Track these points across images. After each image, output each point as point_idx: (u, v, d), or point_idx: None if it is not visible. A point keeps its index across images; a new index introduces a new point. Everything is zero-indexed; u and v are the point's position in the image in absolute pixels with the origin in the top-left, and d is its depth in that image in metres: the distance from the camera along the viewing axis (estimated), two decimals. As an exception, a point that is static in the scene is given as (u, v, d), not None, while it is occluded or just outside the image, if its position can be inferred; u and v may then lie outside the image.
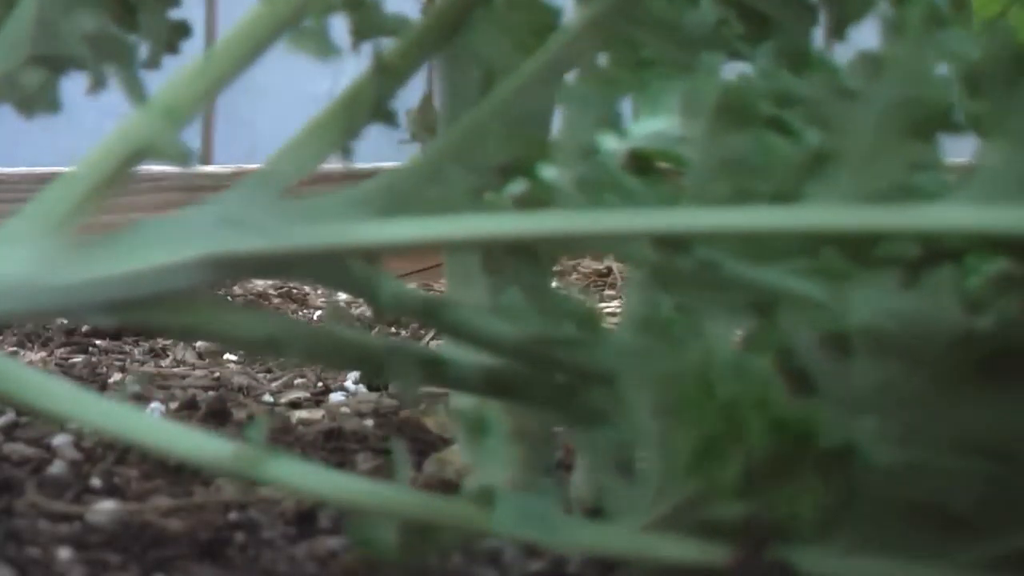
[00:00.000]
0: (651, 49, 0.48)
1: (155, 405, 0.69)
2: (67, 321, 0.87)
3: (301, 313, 1.04)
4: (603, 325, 0.45)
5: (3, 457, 0.58)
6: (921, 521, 0.40)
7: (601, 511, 0.44)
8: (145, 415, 0.47)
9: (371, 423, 0.69)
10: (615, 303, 1.11)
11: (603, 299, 1.14)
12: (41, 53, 0.48)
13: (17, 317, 0.57)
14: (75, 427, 0.59)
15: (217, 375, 0.79)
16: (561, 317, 0.45)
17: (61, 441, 0.60)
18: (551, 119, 0.47)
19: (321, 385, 0.77)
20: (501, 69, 0.48)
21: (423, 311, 0.47)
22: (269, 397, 0.75)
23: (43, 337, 0.87)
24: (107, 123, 0.50)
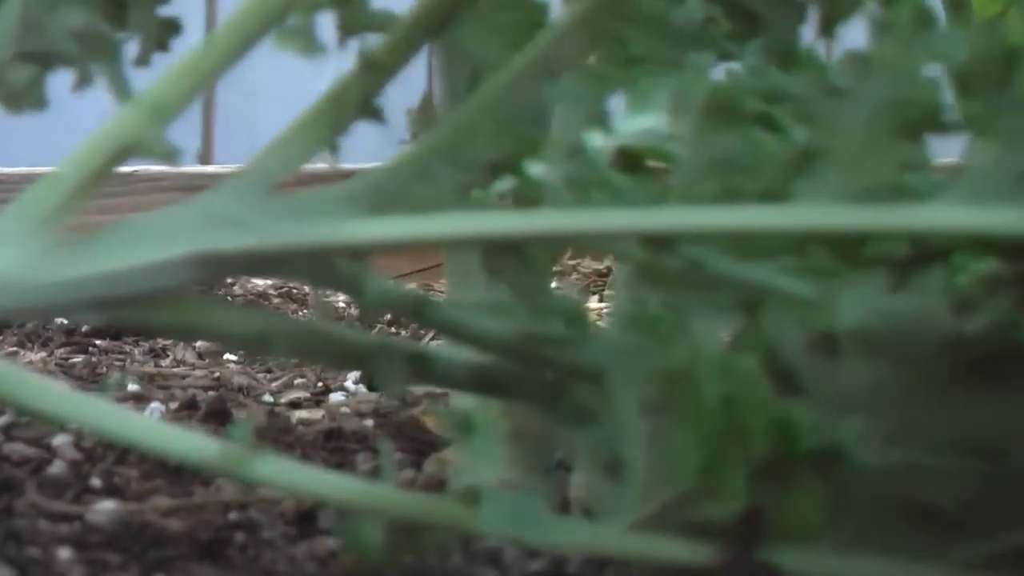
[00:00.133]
0: (639, 46, 0.48)
1: (155, 405, 0.69)
2: (66, 321, 0.87)
3: (301, 313, 1.04)
4: (591, 323, 0.45)
5: (3, 457, 0.58)
6: (912, 520, 0.40)
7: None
8: (136, 415, 0.47)
9: (371, 423, 0.69)
10: (615, 303, 1.11)
11: (603, 299, 1.14)
12: (28, 50, 0.48)
13: (3, 314, 0.57)
14: (75, 427, 0.59)
15: (217, 375, 0.79)
16: (549, 315, 0.45)
17: (61, 441, 0.60)
18: (539, 116, 0.47)
19: (321, 385, 0.77)
20: (489, 66, 0.48)
21: (409, 309, 0.47)
22: (269, 397, 0.75)
23: (43, 337, 0.87)
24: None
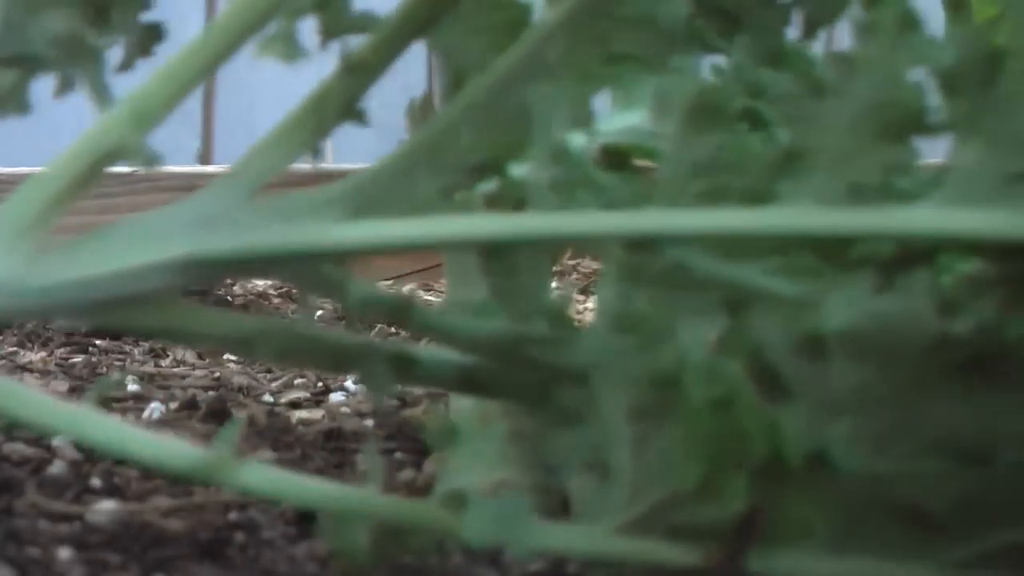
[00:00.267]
0: (624, 44, 0.48)
1: (155, 405, 0.69)
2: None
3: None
4: (576, 324, 0.45)
5: (3, 457, 0.58)
6: (901, 521, 0.40)
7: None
8: (125, 424, 0.47)
9: (371, 423, 0.69)
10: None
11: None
12: (10, 54, 0.48)
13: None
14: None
15: (217, 375, 0.79)
16: (534, 316, 0.45)
17: (61, 441, 0.60)
18: (523, 117, 0.47)
19: (321, 385, 0.77)
20: (472, 67, 0.48)
21: (392, 311, 0.47)
22: (269, 397, 0.75)
23: (43, 337, 0.87)
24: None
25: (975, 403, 0.39)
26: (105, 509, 0.52)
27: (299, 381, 0.78)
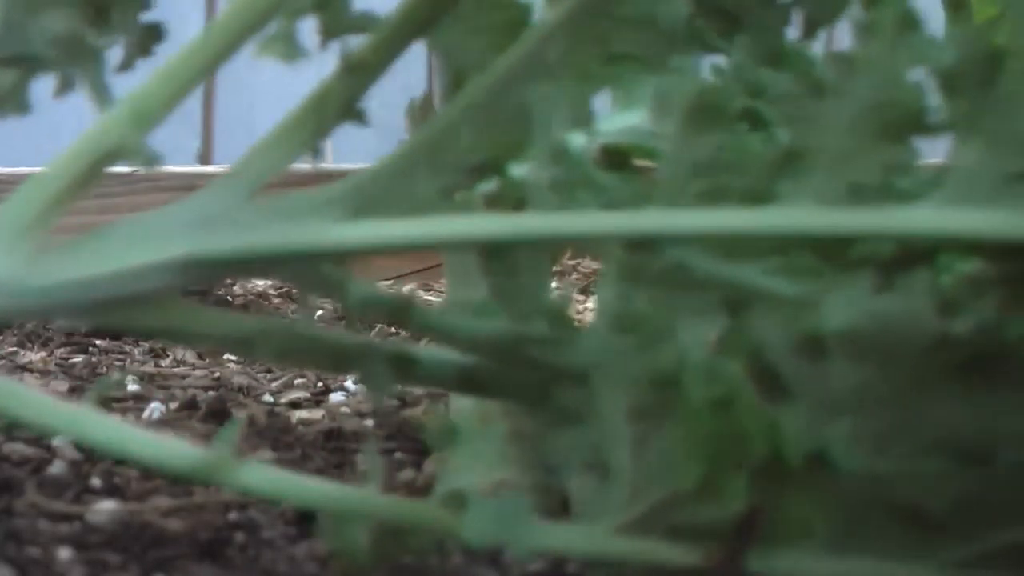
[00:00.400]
0: (624, 43, 0.48)
1: (155, 405, 0.69)
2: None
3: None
4: (576, 324, 0.45)
5: (3, 457, 0.58)
6: (901, 521, 0.40)
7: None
8: (123, 425, 0.47)
9: (371, 423, 0.69)
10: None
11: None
12: (10, 54, 0.48)
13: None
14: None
15: (217, 375, 0.79)
16: (534, 316, 0.45)
17: (61, 441, 0.60)
18: (523, 117, 0.47)
19: (321, 385, 0.77)
20: (472, 67, 0.48)
21: (392, 312, 0.47)
22: (269, 397, 0.75)
23: (43, 337, 0.87)
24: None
25: (975, 403, 0.40)
26: (105, 509, 0.52)
27: (299, 381, 0.78)
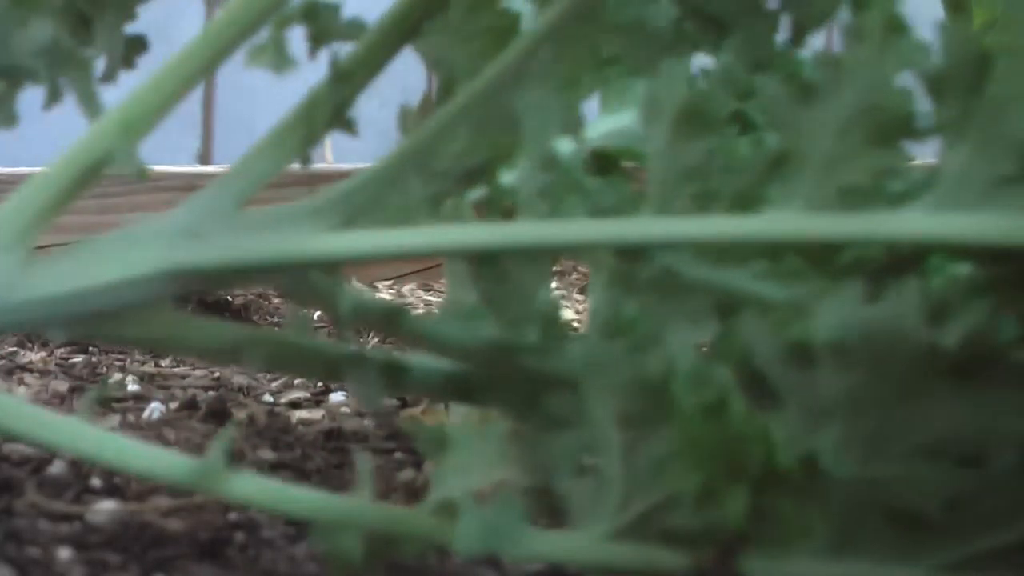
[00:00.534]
0: (613, 48, 0.48)
1: (155, 405, 0.70)
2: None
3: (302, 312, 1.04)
4: (566, 330, 0.45)
5: (3, 457, 0.58)
6: (891, 525, 0.40)
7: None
8: (114, 436, 0.47)
9: (371, 423, 0.69)
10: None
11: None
12: None
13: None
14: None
15: (217, 375, 0.79)
16: (524, 323, 0.45)
17: (61, 442, 0.60)
18: (512, 124, 0.47)
19: (321, 385, 0.77)
20: (462, 73, 0.48)
21: (386, 320, 0.47)
22: (269, 397, 0.75)
23: (43, 337, 0.87)
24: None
25: (966, 406, 0.39)
26: (105, 509, 0.52)
27: (299, 381, 0.78)
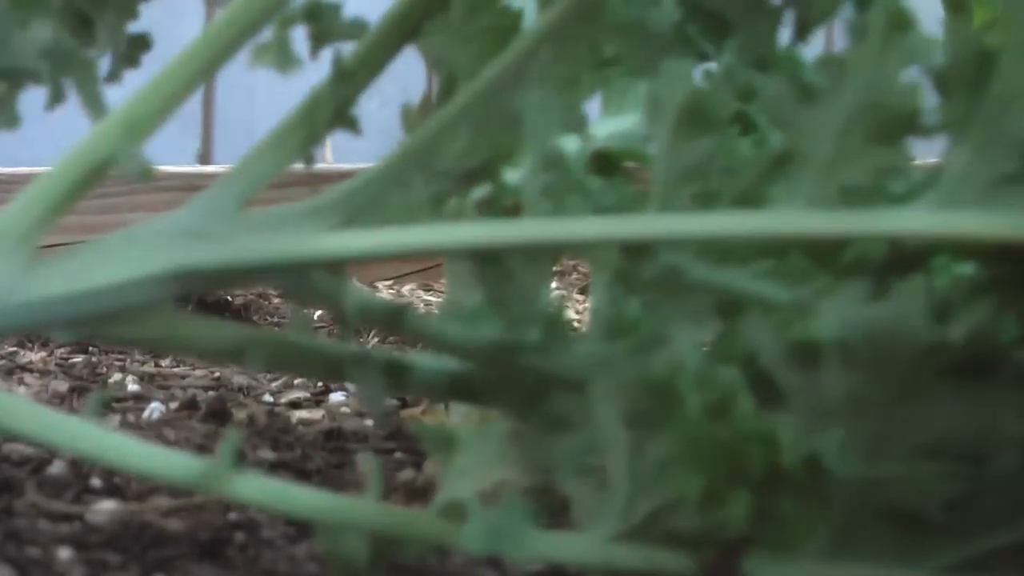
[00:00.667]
0: (613, 49, 0.48)
1: (155, 405, 0.70)
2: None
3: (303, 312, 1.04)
4: (570, 330, 0.45)
5: (3, 457, 0.58)
6: (894, 526, 0.40)
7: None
8: (116, 435, 0.46)
9: (371, 423, 0.69)
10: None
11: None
12: None
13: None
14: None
15: (217, 375, 0.79)
16: (527, 323, 0.45)
17: (61, 441, 0.60)
18: (514, 123, 0.47)
19: (321, 385, 0.77)
20: (463, 73, 0.48)
21: (389, 320, 0.47)
22: (269, 397, 0.75)
23: (43, 337, 0.87)
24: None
25: (968, 406, 0.39)
26: (105, 509, 0.52)
27: (299, 381, 0.78)
